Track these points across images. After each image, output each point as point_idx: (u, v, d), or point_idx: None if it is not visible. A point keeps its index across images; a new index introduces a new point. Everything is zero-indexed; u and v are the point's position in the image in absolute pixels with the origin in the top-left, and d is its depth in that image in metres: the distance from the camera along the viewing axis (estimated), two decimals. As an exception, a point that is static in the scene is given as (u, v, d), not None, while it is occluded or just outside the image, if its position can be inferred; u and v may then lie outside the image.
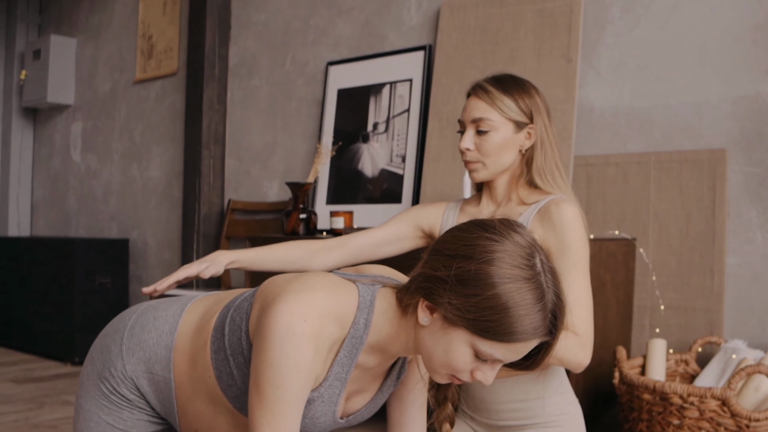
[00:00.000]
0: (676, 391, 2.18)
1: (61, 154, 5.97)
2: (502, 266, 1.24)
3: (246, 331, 1.39)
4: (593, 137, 3.14)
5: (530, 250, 1.27)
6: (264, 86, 4.46)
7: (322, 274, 1.38)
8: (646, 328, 2.96)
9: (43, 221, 6.11)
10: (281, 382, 1.28)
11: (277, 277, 1.43)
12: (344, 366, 1.37)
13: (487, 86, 1.91)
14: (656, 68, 3.01)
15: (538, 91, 1.95)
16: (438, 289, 1.26)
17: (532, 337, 1.25)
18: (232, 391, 1.42)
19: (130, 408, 1.55)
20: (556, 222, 1.84)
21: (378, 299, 1.37)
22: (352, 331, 1.35)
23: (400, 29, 3.81)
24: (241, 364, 1.39)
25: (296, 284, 1.33)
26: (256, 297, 1.41)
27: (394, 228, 2.09)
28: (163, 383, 1.51)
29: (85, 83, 5.77)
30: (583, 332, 1.79)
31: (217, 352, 1.43)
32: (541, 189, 1.94)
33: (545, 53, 3.21)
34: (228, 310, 1.46)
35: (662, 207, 2.95)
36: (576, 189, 3.13)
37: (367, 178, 3.83)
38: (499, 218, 1.33)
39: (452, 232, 1.32)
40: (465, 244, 1.27)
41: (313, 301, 1.30)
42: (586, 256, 1.85)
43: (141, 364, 1.52)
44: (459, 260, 1.25)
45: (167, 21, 5.03)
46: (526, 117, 1.91)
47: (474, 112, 1.91)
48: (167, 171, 5.01)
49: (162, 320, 1.56)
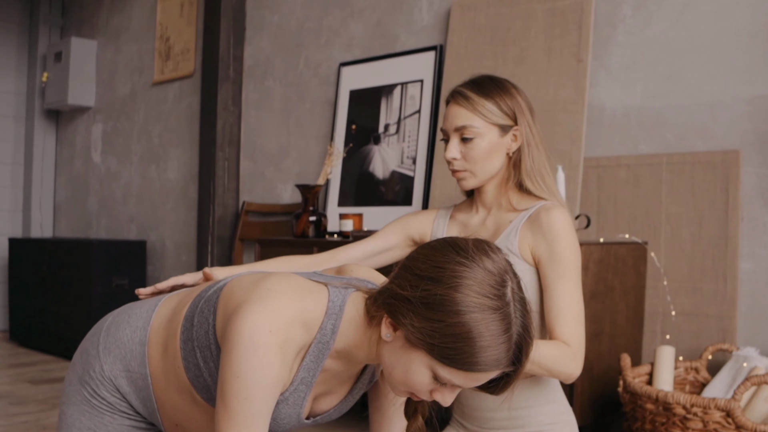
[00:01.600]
0: (679, 401, 2.11)
1: (83, 155, 6.00)
2: (469, 294, 1.20)
3: (213, 326, 1.37)
4: (604, 138, 3.07)
5: (501, 277, 1.23)
6: (278, 87, 4.44)
7: (289, 278, 1.35)
8: (657, 335, 2.88)
9: (66, 222, 6.15)
10: (247, 394, 1.26)
11: (243, 279, 1.40)
12: (310, 371, 1.35)
13: (467, 92, 1.86)
14: (669, 67, 2.93)
15: (518, 89, 1.90)
16: (402, 309, 1.23)
17: (493, 369, 1.22)
18: (199, 383, 1.40)
19: (111, 413, 1.52)
20: (546, 229, 1.79)
21: (348, 304, 1.34)
22: (319, 336, 1.32)
23: (412, 29, 3.77)
24: (208, 357, 1.37)
25: (260, 290, 1.30)
26: (222, 295, 1.39)
27: (383, 239, 2.05)
28: (140, 380, 1.49)
29: (105, 85, 5.79)
30: (573, 342, 1.74)
31: (185, 342, 1.41)
32: (532, 193, 1.89)
33: (556, 53, 3.14)
34: (199, 300, 1.44)
35: (674, 210, 2.87)
36: (586, 191, 3.06)
37: (378, 179, 3.79)
38: (474, 239, 1.28)
39: (424, 250, 1.28)
40: (434, 266, 1.23)
41: (278, 308, 1.27)
42: (578, 263, 1.80)
43: (118, 363, 1.51)
44: (426, 282, 1.22)
45: (184, 23, 5.03)
46: (510, 119, 1.86)
47: (456, 120, 1.86)
48: (184, 173, 5.01)
49: (136, 317, 1.55)
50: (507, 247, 1.83)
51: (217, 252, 4.48)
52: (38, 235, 6.13)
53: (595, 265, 2.61)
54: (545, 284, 1.79)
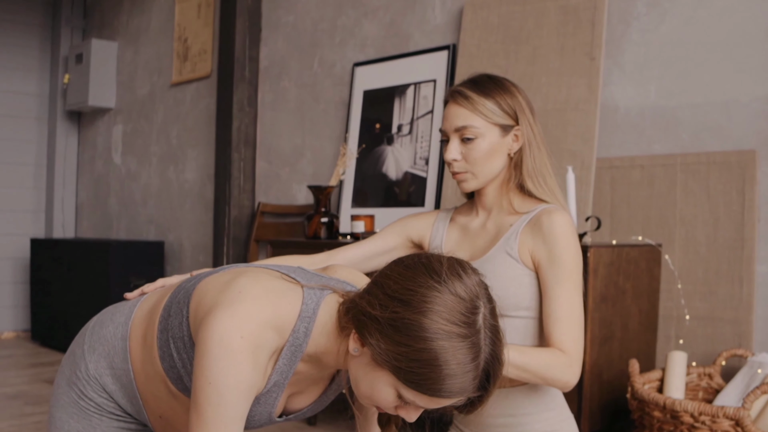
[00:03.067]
0: (687, 409, 2.05)
1: (104, 156, 6.03)
2: (438, 320, 1.17)
3: (186, 318, 1.35)
4: (617, 138, 3.01)
5: (473, 304, 1.20)
6: (293, 88, 4.41)
7: (261, 278, 1.32)
8: (671, 339, 2.82)
9: (87, 223, 6.19)
10: (220, 400, 1.24)
11: (217, 278, 1.37)
12: (283, 374, 1.33)
13: (466, 91, 1.81)
14: (683, 65, 2.86)
15: (518, 88, 1.85)
16: (370, 327, 1.21)
17: (458, 396, 1.20)
18: (173, 373, 1.39)
19: (100, 414, 1.51)
20: (547, 233, 1.74)
21: (322, 308, 1.32)
22: (292, 339, 1.30)
23: (425, 29, 3.73)
24: (181, 348, 1.36)
25: (232, 293, 1.28)
26: (196, 291, 1.37)
27: (383, 240, 2.02)
28: (124, 376, 1.48)
29: (125, 86, 5.81)
30: (570, 349, 1.69)
31: (161, 332, 1.40)
32: (534, 195, 1.84)
33: (568, 51, 3.08)
34: (179, 292, 1.43)
35: (689, 211, 2.80)
36: (599, 192, 3.00)
37: (391, 180, 3.75)
38: (449, 259, 1.25)
39: (398, 268, 1.25)
40: (405, 288, 1.20)
41: (249, 313, 1.25)
42: (578, 268, 1.75)
43: (102, 360, 1.50)
44: (396, 304, 1.19)
45: (202, 23, 5.03)
46: (511, 119, 1.81)
47: (456, 120, 1.81)
48: (201, 174, 5.01)
49: (119, 314, 1.55)
50: (507, 251, 1.78)
51: (233, 253, 4.47)
52: (60, 235, 6.17)
53: (605, 268, 2.55)
54: (544, 289, 1.75)
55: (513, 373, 1.65)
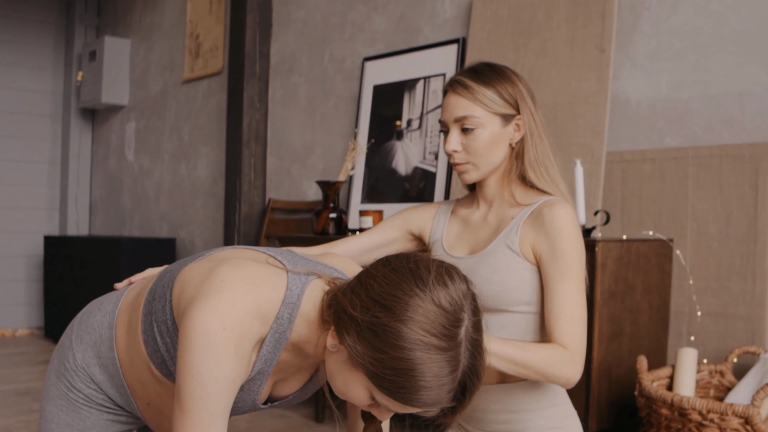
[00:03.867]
0: (695, 407, 2.00)
1: (117, 153, 6.03)
2: (418, 331, 1.13)
3: (170, 301, 1.33)
4: (628, 131, 2.95)
5: (456, 316, 1.16)
6: (303, 84, 4.39)
7: (244, 266, 1.29)
8: (683, 336, 2.76)
9: (101, 220, 6.19)
10: (203, 394, 1.21)
11: (198, 265, 1.35)
12: (267, 362, 1.31)
13: (465, 80, 1.77)
14: (695, 56, 2.80)
15: (519, 76, 1.80)
16: (349, 328, 1.18)
17: (431, 406, 1.17)
18: (157, 357, 1.36)
19: (88, 406, 1.50)
20: (548, 226, 1.69)
21: (306, 294, 1.29)
22: (275, 326, 1.27)
23: (435, 22, 3.68)
24: (164, 332, 1.34)
25: (213, 282, 1.25)
26: (180, 276, 1.35)
27: (382, 233, 1.98)
28: (110, 365, 1.46)
29: (138, 84, 5.81)
30: (572, 345, 1.64)
31: (146, 315, 1.38)
32: (536, 187, 1.80)
33: (578, 43, 3.03)
34: (165, 275, 1.41)
35: (701, 206, 2.75)
36: (610, 186, 2.95)
37: (400, 175, 3.72)
38: (438, 266, 1.21)
39: (384, 270, 1.21)
40: (389, 292, 1.16)
41: (231, 303, 1.22)
42: (581, 262, 1.70)
43: (89, 350, 1.49)
44: (378, 308, 1.15)
45: (213, 20, 5.01)
46: (512, 108, 1.77)
47: (456, 111, 1.77)
48: (213, 170, 5.00)
49: (107, 302, 1.54)
50: (507, 244, 1.74)
51: (243, 250, 4.44)
52: (74, 233, 6.18)
53: (614, 263, 2.50)
54: (546, 283, 1.70)
55: (512, 369, 1.61)
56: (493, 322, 1.75)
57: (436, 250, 1.89)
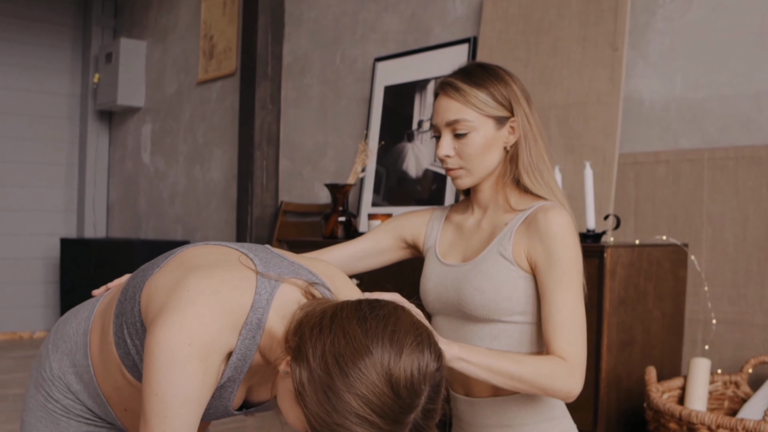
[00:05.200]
0: (704, 422, 1.91)
1: (133, 156, 6.02)
2: (365, 408, 1.06)
3: (138, 303, 1.28)
4: (641, 133, 2.86)
5: (409, 402, 1.08)
6: (315, 85, 4.33)
7: (212, 273, 1.23)
8: (698, 344, 2.67)
9: (118, 223, 6.18)
10: (168, 413, 1.16)
11: (167, 273, 1.29)
12: (237, 369, 1.25)
13: (456, 82, 1.70)
14: (711, 55, 2.71)
15: (512, 76, 1.73)
16: (303, 371, 1.10)
17: None
18: (128, 360, 1.31)
19: (67, 417, 1.46)
20: (543, 233, 1.62)
21: (276, 299, 1.23)
22: (244, 332, 1.22)
23: (445, 22, 3.61)
24: (134, 334, 1.29)
25: (180, 294, 1.19)
26: (148, 283, 1.30)
27: (373, 240, 1.91)
28: (85, 373, 1.42)
29: (154, 85, 5.79)
30: (571, 357, 1.57)
31: (117, 316, 1.33)
32: (531, 192, 1.72)
33: (590, 41, 2.94)
34: (137, 275, 1.36)
35: (716, 209, 2.65)
36: (623, 189, 2.85)
37: (411, 178, 3.65)
38: (418, 332, 1.12)
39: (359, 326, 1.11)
40: (352, 357, 1.08)
41: (197, 316, 1.17)
42: (579, 270, 1.63)
43: (65, 359, 1.44)
44: (335, 368, 1.08)
45: (226, 21, 4.97)
46: (506, 110, 1.70)
47: (447, 114, 1.69)
48: (226, 173, 4.96)
49: (83, 309, 1.50)
50: (500, 251, 1.67)
51: (255, 253, 4.39)
52: (92, 235, 6.18)
53: (624, 269, 2.42)
54: (542, 292, 1.63)
55: (507, 384, 1.54)
56: (485, 333, 1.68)
57: (429, 258, 1.82)
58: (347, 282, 1.40)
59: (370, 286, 3.01)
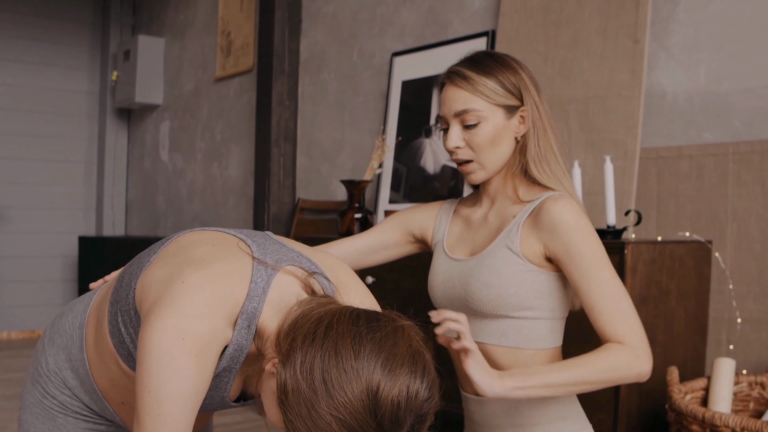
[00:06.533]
0: (728, 424, 1.84)
1: (152, 153, 6.00)
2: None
3: (134, 289, 1.24)
4: (664, 127, 2.79)
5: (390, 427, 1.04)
6: (333, 80, 4.28)
7: (206, 265, 1.19)
8: (722, 344, 2.59)
9: (137, 221, 6.18)
10: (161, 411, 1.11)
11: (163, 264, 1.24)
12: (233, 359, 1.21)
13: (464, 71, 1.64)
14: (736, 46, 2.63)
15: (521, 64, 1.67)
16: (287, 380, 1.06)
17: None
18: (123, 349, 1.27)
19: (64, 414, 1.43)
20: (556, 224, 1.56)
21: (273, 287, 1.19)
22: (240, 321, 1.17)
23: (463, 15, 3.55)
24: (128, 322, 1.25)
25: (174, 286, 1.15)
26: (144, 272, 1.25)
27: (381, 234, 1.86)
28: (81, 368, 1.38)
29: (172, 82, 5.77)
30: (628, 337, 1.51)
31: (112, 304, 1.30)
32: (539, 182, 1.66)
33: (611, 33, 2.87)
34: (134, 262, 1.33)
35: (742, 205, 2.57)
36: (645, 185, 2.78)
37: (429, 174, 3.59)
38: (414, 357, 1.07)
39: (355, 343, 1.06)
40: (339, 379, 1.04)
41: (193, 309, 1.12)
42: (601, 252, 1.57)
43: (61, 353, 1.41)
44: (321, 387, 1.04)
45: (244, 17, 4.94)
46: (516, 99, 1.64)
47: (455, 104, 1.63)
48: (244, 170, 4.93)
49: (79, 302, 1.47)
50: (507, 245, 1.61)
51: (272, 251, 4.36)
52: (110, 233, 6.17)
53: (646, 266, 2.35)
54: (574, 286, 1.57)
55: (576, 391, 1.51)
56: (492, 329, 1.62)
57: (437, 253, 1.77)
58: (350, 275, 1.35)
59: (386, 283, 2.97)
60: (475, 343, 1.47)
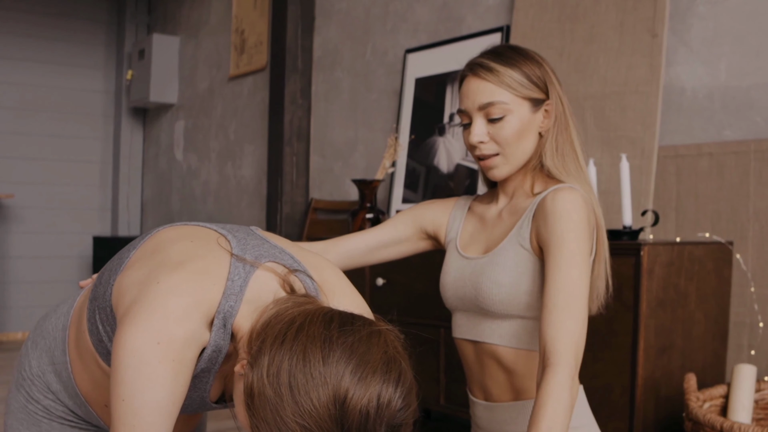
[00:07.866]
0: (748, 435, 1.75)
1: (167, 153, 5.97)
2: None
3: (111, 286, 1.19)
4: (683, 124, 2.69)
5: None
6: (346, 78, 4.22)
7: (183, 267, 1.13)
8: (743, 349, 2.50)
9: (152, 221, 6.15)
10: (135, 421, 1.06)
11: (140, 264, 1.19)
12: (212, 360, 1.15)
13: (489, 62, 1.57)
14: (758, 40, 2.53)
15: (542, 58, 1.62)
16: (255, 382, 1.01)
17: None
18: (102, 348, 1.22)
19: (49, 419, 1.39)
20: (549, 212, 1.49)
21: (250, 285, 1.14)
22: (217, 322, 1.12)
23: (477, 10, 3.47)
24: (104, 320, 1.20)
25: (150, 287, 1.10)
26: (123, 271, 1.20)
27: (392, 229, 1.79)
28: (63, 371, 1.34)
29: (186, 81, 5.74)
30: (559, 348, 1.36)
31: (91, 301, 1.25)
32: (554, 176, 1.59)
33: (628, 28, 2.78)
34: (114, 259, 1.29)
35: (764, 205, 2.48)
36: (663, 184, 2.69)
37: (442, 173, 3.51)
38: (388, 365, 1.01)
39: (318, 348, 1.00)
40: (306, 385, 0.98)
41: (167, 311, 1.07)
42: (583, 252, 1.46)
43: (44, 356, 1.37)
44: (288, 391, 0.98)
45: (257, 15, 4.89)
46: (541, 91, 1.58)
47: (480, 97, 1.56)
48: (257, 169, 4.87)
49: (63, 304, 1.43)
50: (519, 241, 1.54)
51: (284, 251, 4.30)
52: (126, 233, 6.15)
53: (663, 268, 2.26)
54: (545, 275, 1.46)
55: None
56: (504, 330, 1.54)
57: (450, 251, 1.70)
58: (339, 276, 1.28)
59: (397, 285, 2.89)
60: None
